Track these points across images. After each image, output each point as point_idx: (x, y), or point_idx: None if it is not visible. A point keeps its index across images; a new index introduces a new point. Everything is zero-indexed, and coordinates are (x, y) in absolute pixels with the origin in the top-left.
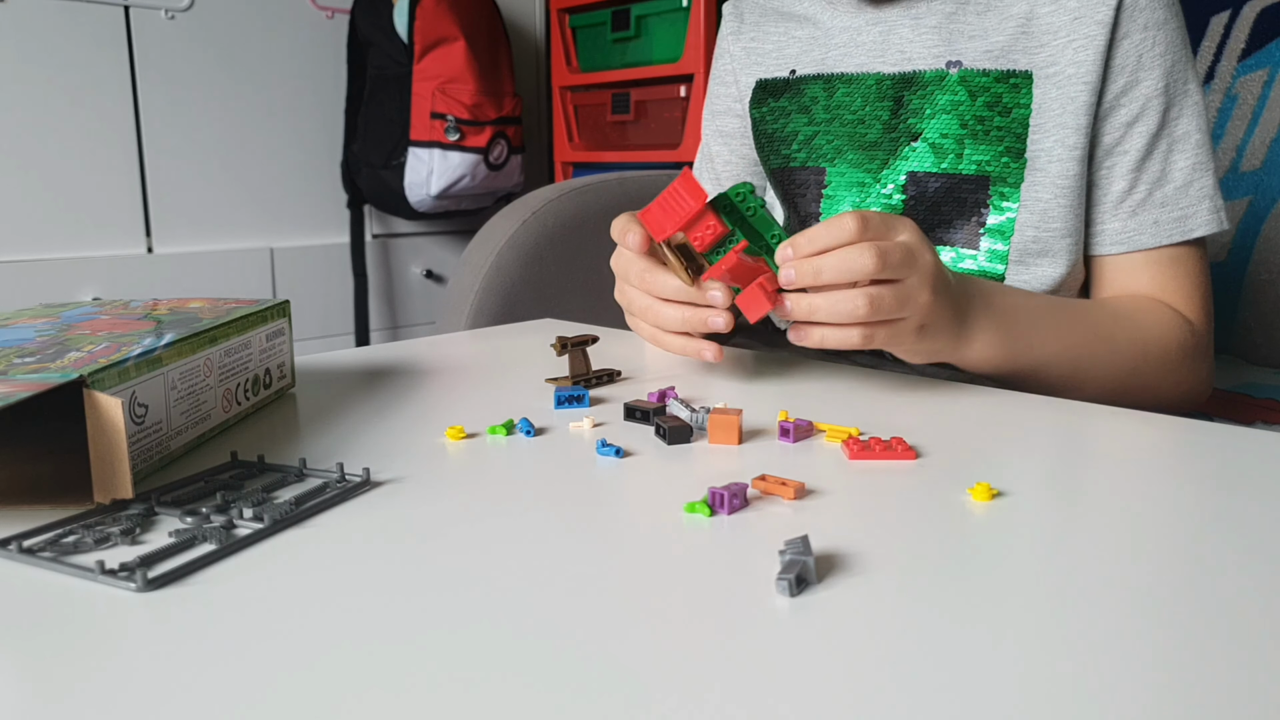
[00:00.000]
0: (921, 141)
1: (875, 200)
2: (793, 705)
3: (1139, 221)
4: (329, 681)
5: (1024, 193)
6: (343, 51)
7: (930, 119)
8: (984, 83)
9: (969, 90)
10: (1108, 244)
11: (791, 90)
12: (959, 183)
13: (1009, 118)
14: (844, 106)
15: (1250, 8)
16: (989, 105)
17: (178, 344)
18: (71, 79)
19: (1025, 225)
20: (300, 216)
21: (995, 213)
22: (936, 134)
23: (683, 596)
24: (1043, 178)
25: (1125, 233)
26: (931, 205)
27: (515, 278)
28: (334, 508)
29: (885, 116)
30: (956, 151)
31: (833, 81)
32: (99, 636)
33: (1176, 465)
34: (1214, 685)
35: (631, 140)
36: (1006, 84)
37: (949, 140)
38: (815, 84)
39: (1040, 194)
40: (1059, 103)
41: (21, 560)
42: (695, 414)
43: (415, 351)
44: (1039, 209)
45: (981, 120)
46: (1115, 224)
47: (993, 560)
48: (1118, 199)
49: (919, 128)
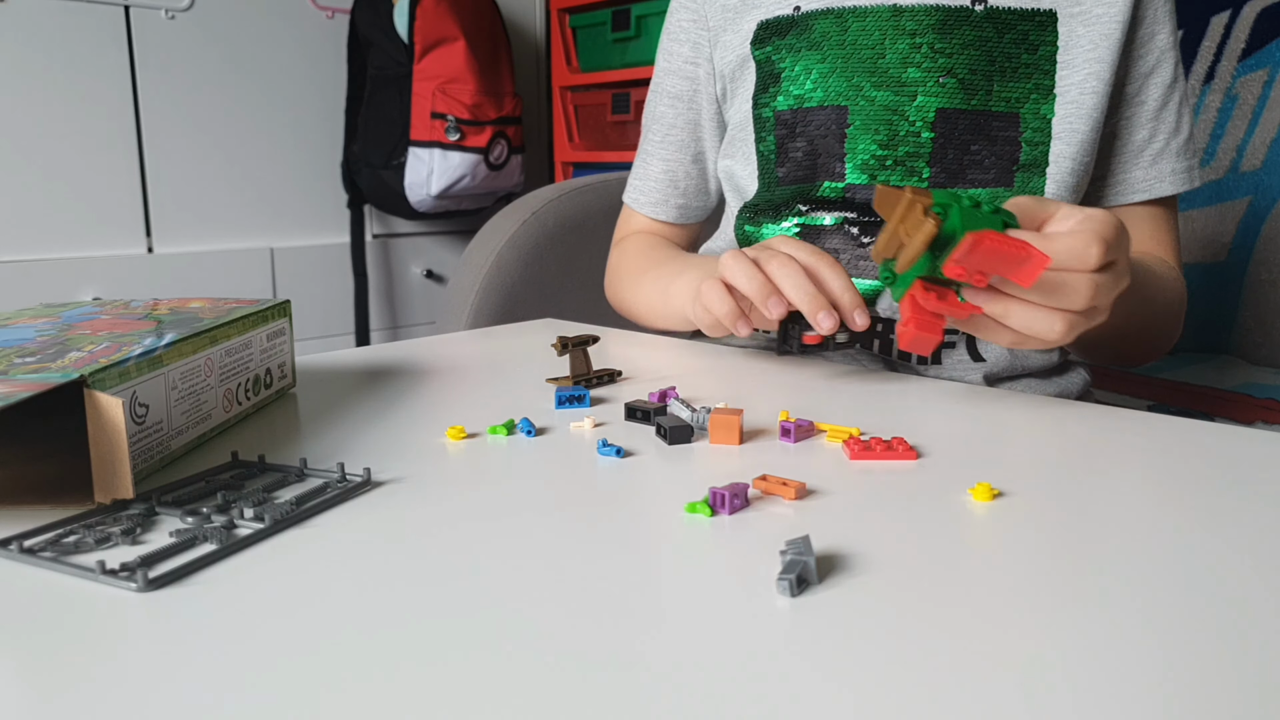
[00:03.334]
0: (950, 78)
1: (904, 139)
2: (793, 705)
3: (1159, 170)
4: (329, 681)
5: (1058, 126)
6: (343, 51)
7: (958, 54)
8: (1010, 20)
9: (996, 27)
10: (1129, 192)
11: (799, 27)
12: (989, 120)
13: (1036, 54)
14: (859, 42)
15: (1250, 8)
16: (1016, 42)
17: (178, 344)
18: (71, 79)
19: (1063, 157)
20: (300, 216)
21: (1028, 149)
22: (965, 70)
23: (683, 596)
24: (1077, 110)
25: (1146, 181)
26: (961, 144)
27: (515, 278)
28: (334, 508)
29: (905, 50)
30: (986, 89)
31: (845, 16)
32: (99, 636)
33: (1176, 465)
34: (1215, 685)
35: (631, 140)
36: (1033, 21)
37: (978, 76)
38: (825, 19)
39: (1078, 126)
40: (1089, 40)
41: (22, 560)
42: (696, 414)
43: (415, 351)
44: (1076, 141)
45: (1010, 57)
46: (1137, 172)
47: (993, 560)
48: (1138, 148)
49: (947, 64)
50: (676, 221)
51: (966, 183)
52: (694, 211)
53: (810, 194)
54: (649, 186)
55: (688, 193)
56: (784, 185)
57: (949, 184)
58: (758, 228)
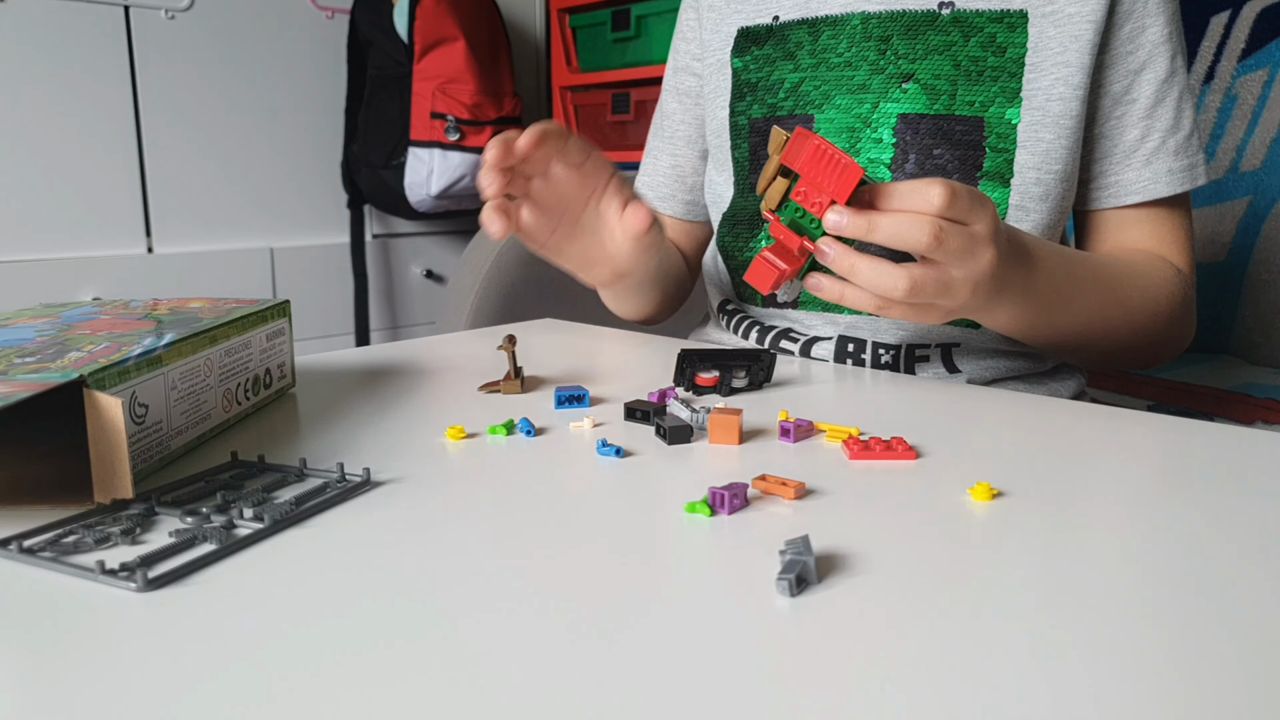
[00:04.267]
0: (913, 83)
1: (866, 144)
2: (793, 705)
3: (1154, 171)
4: (329, 681)
5: (1023, 133)
6: (343, 51)
7: (922, 60)
8: (978, 22)
9: (962, 30)
10: (1122, 195)
11: (775, 37)
12: (952, 124)
13: (1003, 57)
14: (830, 50)
15: (1250, 8)
16: (983, 45)
17: (178, 344)
18: (71, 79)
19: (1026, 167)
20: (300, 216)
21: (992, 155)
22: (929, 75)
23: (683, 596)
24: (1043, 117)
25: (1140, 183)
26: (924, 149)
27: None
28: (334, 508)
29: (872, 57)
30: (950, 93)
31: (818, 25)
32: (99, 636)
33: (1176, 465)
34: (1215, 685)
35: (631, 140)
36: (1001, 24)
37: (942, 81)
38: (800, 29)
39: (1043, 134)
40: (1059, 41)
41: (21, 560)
42: (696, 414)
43: (415, 351)
44: (1041, 150)
45: (976, 61)
46: (1129, 174)
47: (993, 560)
48: (1130, 148)
49: (909, 69)
50: (684, 217)
51: None
52: (701, 209)
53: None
54: (657, 181)
55: (695, 189)
56: (757, 193)
57: None
58: (735, 239)
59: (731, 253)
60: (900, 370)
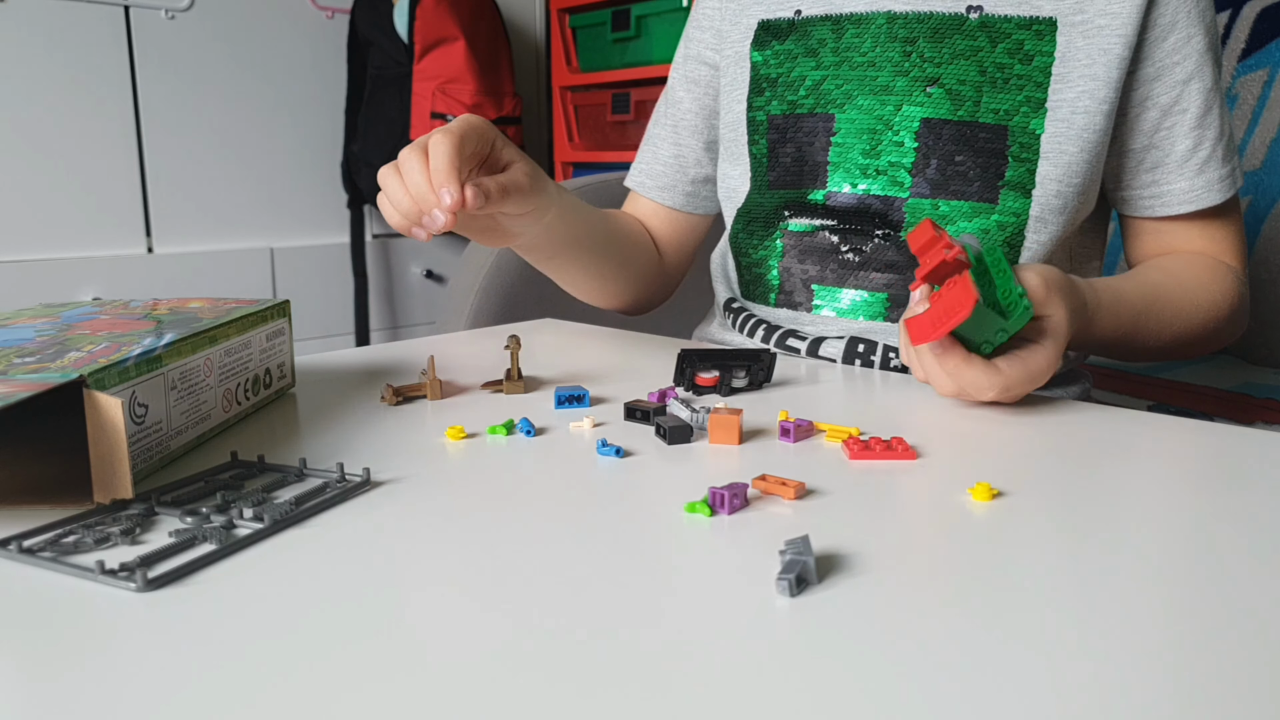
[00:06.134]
0: (937, 88)
1: (887, 147)
2: (793, 705)
3: (1206, 179)
4: (329, 681)
5: (1046, 144)
6: (343, 51)
7: (947, 64)
8: (1006, 29)
9: (989, 36)
10: (1175, 204)
11: (797, 32)
12: (975, 131)
13: (1030, 65)
14: (853, 49)
15: (1250, 8)
16: (1010, 52)
17: (178, 344)
18: (71, 79)
19: (1048, 179)
20: (300, 216)
21: (1014, 164)
22: (953, 80)
23: (683, 596)
24: (1067, 130)
25: (1193, 191)
26: (945, 155)
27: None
28: (334, 508)
29: (896, 58)
30: (974, 99)
31: (841, 22)
32: (99, 636)
33: (1176, 465)
34: (1216, 684)
35: (631, 140)
36: (1029, 30)
37: (966, 87)
38: (823, 25)
39: (1066, 147)
40: (1087, 53)
41: (21, 560)
42: (695, 414)
43: (415, 351)
44: (1064, 162)
45: (1002, 68)
46: (1183, 183)
47: (993, 560)
48: (1183, 158)
49: (934, 73)
50: (684, 209)
51: (949, 194)
52: (702, 201)
53: (797, 200)
54: (657, 170)
55: (697, 180)
56: (774, 189)
57: (931, 195)
58: (750, 237)
59: (745, 249)
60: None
